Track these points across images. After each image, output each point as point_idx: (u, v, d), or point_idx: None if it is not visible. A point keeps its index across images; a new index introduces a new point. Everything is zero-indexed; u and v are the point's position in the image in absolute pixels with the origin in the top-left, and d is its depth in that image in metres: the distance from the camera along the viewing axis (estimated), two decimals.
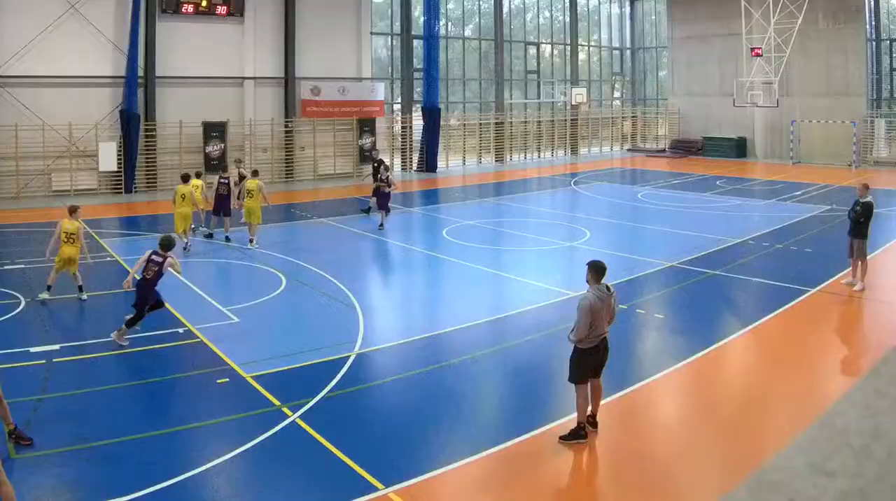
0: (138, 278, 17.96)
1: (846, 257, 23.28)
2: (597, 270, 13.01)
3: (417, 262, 28.18)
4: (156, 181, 45.57)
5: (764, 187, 47.64)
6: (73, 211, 21.12)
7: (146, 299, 17.65)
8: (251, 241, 28.88)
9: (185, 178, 29.78)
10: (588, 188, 47.69)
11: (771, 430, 13.34)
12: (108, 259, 26.76)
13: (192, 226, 29.00)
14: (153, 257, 17.80)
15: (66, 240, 20.50)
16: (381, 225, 31.77)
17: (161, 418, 13.80)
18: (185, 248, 27.58)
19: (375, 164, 38.38)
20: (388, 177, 32.87)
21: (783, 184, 48.30)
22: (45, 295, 20.63)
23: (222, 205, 30.66)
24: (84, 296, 21.02)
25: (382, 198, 32.26)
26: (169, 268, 17.90)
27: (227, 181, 31.36)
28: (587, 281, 13.11)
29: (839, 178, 49.81)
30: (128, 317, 17.72)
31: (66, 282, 21.48)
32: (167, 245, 18.08)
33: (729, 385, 16.28)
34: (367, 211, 36.42)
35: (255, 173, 31.61)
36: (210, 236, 30.88)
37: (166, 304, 18.46)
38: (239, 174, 32.85)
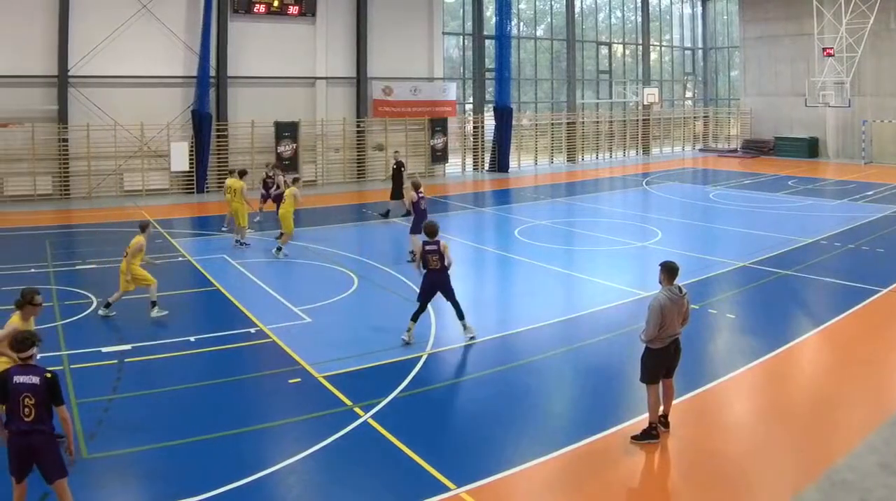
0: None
1: None
2: (669, 271, 12.70)
3: (489, 262, 27.16)
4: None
5: (835, 187, 45.98)
6: (144, 227, 19.91)
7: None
8: (278, 250, 26.95)
9: (242, 174, 29.39)
10: (660, 188, 46.16)
11: (842, 430, 13.23)
12: (180, 259, 26.15)
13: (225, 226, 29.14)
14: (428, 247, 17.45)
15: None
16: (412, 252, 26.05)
17: (233, 418, 13.40)
18: (239, 243, 27.68)
19: (395, 166, 36.21)
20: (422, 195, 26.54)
21: (855, 184, 46.53)
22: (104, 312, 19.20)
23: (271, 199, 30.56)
24: (155, 313, 19.30)
25: (419, 217, 25.62)
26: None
27: (272, 180, 31.30)
28: (660, 282, 12.81)
29: None
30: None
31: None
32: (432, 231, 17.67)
33: (800, 385, 15.80)
34: (386, 214, 35.07)
35: (295, 180, 29.59)
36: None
37: None
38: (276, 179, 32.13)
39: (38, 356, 10.66)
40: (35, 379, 9.61)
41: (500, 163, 54.84)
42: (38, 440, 9.53)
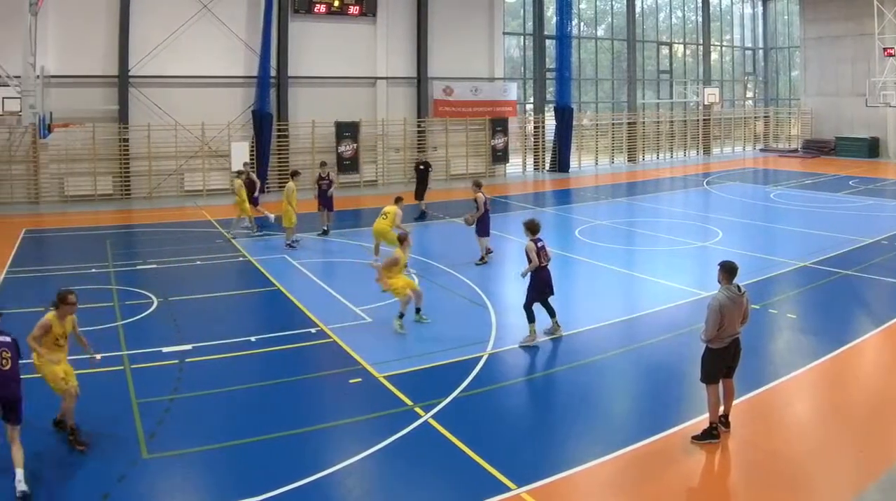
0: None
1: None
2: (728, 270, 12.42)
3: (550, 262, 25.05)
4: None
5: None
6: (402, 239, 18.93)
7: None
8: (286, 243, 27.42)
9: (293, 175, 29.48)
10: (720, 188, 44.76)
11: None
12: (241, 259, 25.73)
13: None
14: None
15: None
16: (489, 250, 25.21)
17: (293, 418, 13.18)
18: (290, 244, 27.13)
19: (422, 167, 34.56)
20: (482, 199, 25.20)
21: None
22: None
23: (324, 201, 30.17)
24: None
25: (484, 225, 25.11)
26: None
27: (327, 178, 30.61)
28: (719, 281, 12.49)
29: None
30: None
31: (197, 284, 21.02)
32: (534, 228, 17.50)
33: (861, 385, 15.37)
34: (422, 216, 33.71)
35: (293, 174, 29.70)
36: (325, 232, 30.10)
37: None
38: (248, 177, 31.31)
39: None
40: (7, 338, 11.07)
41: (561, 163, 53.34)
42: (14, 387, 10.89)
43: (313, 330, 17.69)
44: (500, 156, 50.68)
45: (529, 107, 54.87)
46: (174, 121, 40.08)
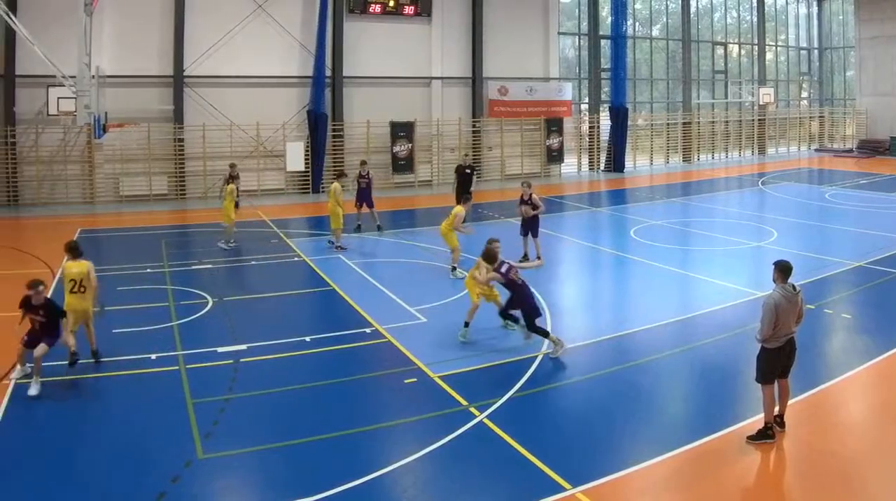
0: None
1: None
2: (782, 269, 12.04)
3: (605, 262, 25.77)
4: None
5: None
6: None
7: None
8: (333, 244, 26.55)
9: (339, 176, 28.67)
10: (775, 188, 43.23)
11: None
12: (296, 259, 25.08)
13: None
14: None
15: None
16: (539, 257, 23.44)
17: (348, 418, 12.81)
18: (334, 246, 26.33)
19: (468, 170, 32.05)
20: (531, 196, 24.05)
21: None
22: None
23: (364, 198, 29.74)
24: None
25: (532, 224, 24.14)
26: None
27: (367, 176, 30.06)
28: (774, 281, 12.09)
29: None
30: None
31: (251, 284, 20.92)
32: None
33: None
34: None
35: (344, 175, 29.07)
36: (358, 229, 29.53)
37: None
38: (230, 176, 30.05)
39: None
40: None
41: (616, 163, 51.48)
42: None
43: (368, 330, 17.22)
44: (555, 156, 49.08)
45: (584, 107, 52.93)
46: (229, 121, 39.07)
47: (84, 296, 14.90)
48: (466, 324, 16.66)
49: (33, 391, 13.39)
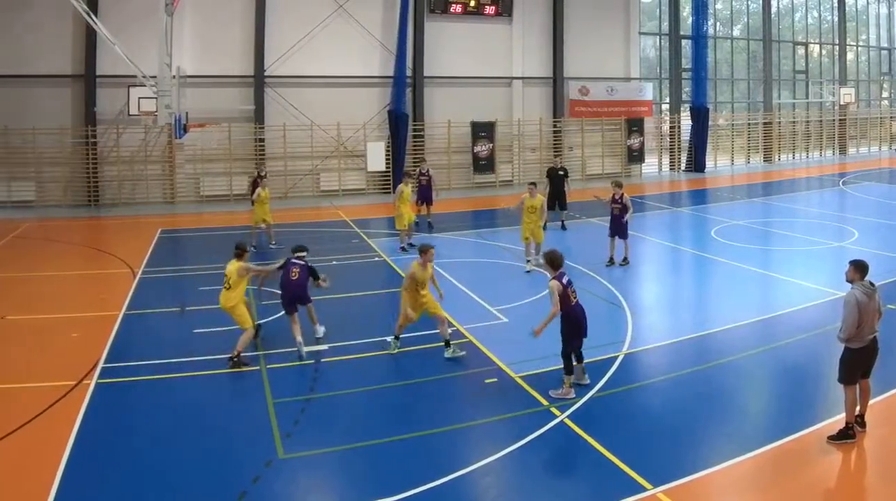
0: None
1: None
2: (859, 267, 11.29)
3: (685, 262, 24.62)
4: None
5: None
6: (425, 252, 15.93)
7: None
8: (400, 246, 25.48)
9: (407, 175, 27.90)
10: (856, 188, 40.83)
11: None
12: (377, 259, 24.22)
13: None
14: None
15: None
16: (626, 259, 22.57)
17: (429, 418, 12.28)
18: (403, 248, 25.17)
19: (560, 172, 29.57)
20: (622, 196, 22.54)
21: None
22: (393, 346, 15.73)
23: (425, 196, 29.03)
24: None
25: (621, 226, 22.50)
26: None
27: (426, 174, 29.35)
28: (849, 280, 11.35)
29: None
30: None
31: (332, 284, 18.44)
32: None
33: None
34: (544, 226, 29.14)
35: (408, 174, 28.16)
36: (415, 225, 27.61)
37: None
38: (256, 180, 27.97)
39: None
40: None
41: (697, 163, 48.41)
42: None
43: (449, 330, 15.59)
44: (635, 156, 46.09)
45: (665, 107, 49.72)
46: (310, 120, 37.11)
47: (231, 293, 14.84)
48: (397, 337, 15.28)
49: (320, 333, 16.01)
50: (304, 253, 15.86)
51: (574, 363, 13.17)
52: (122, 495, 9.89)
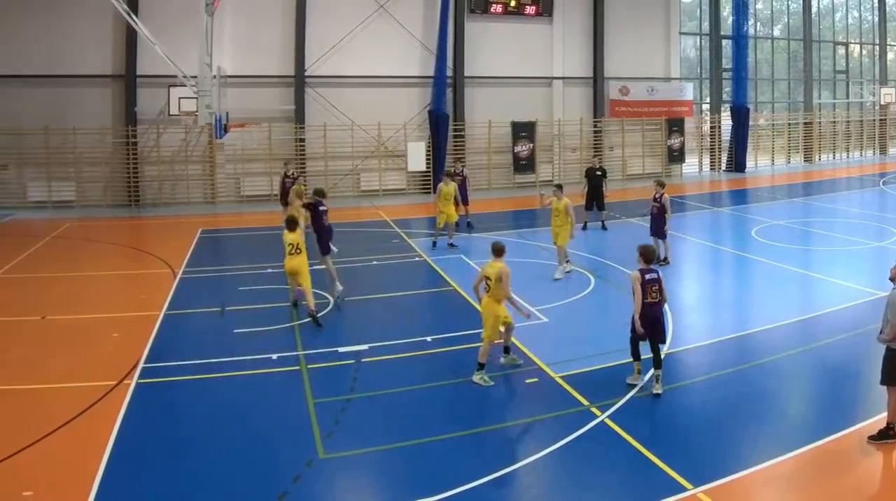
0: None
1: None
2: None
3: (726, 262, 24.13)
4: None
5: None
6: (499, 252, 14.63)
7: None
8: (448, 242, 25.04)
9: (448, 175, 26.56)
10: None
11: None
12: (417, 259, 23.60)
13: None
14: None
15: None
16: (665, 258, 21.94)
17: (469, 418, 11.91)
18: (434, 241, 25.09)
19: (598, 172, 28.52)
20: (662, 195, 22.04)
21: None
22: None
23: (461, 195, 27.22)
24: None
25: (658, 225, 22.14)
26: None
27: (462, 173, 28.86)
28: (891, 279, 10.89)
29: None
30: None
31: (373, 284, 19.87)
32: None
33: None
34: (584, 226, 28.02)
35: (448, 174, 26.52)
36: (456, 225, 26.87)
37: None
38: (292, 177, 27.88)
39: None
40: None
41: (737, 163, 46.84)
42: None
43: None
44: (676, 156, 44.63)
45: (706, 107, 48.27)
46: (350, 120, 36.08)
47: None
48: (481, 366, 13.56)
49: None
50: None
51: (632, 359, 13.06)
52: (162, 494, 9.65)
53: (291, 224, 16.92)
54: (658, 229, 21.76)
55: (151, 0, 32.99)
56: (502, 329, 13.83)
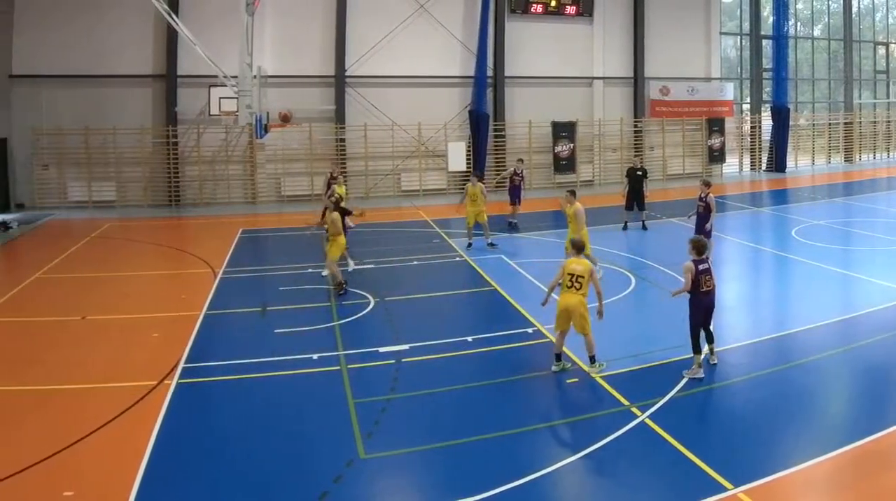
0: None
1: None
2: None
3: (766, 262, 23.34)
4: (505, 181, 37.02)
5: None
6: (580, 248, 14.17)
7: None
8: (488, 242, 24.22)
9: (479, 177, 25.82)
10: None
11: None
12: (458, 259, 22.86)
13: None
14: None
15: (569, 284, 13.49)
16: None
17: (510, 418, 11.45)
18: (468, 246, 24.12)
19: (639, 172, 27.60)
20: (708, 195, 21.68)
21: None
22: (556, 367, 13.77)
23: (515, 194, 27.59)
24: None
25: (701, 225, 21.74)
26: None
27: (520, 174, 28.02)
28: None
29: None
30: None
31: (413, 284, 19.53)
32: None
33: None
34: (625, 227, 27.61)
35: (478, 177, 25.34)
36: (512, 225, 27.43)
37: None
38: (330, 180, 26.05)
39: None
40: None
41: (778, 163, 45.42)
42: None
43: (530, 330, 15.58)
44: (716, 156, 43.27)
45: (746, 107, 46.76)
46: (391, 120, 35.10)
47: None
48: (593, 360, 13.40)
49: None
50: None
51: (693, 352, 13.00)
52: (202, 494, 9.43)
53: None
54: (700, 228, 21.22)
55: (192, 0, 32.27)
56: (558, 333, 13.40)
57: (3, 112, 31.37)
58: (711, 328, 13.43)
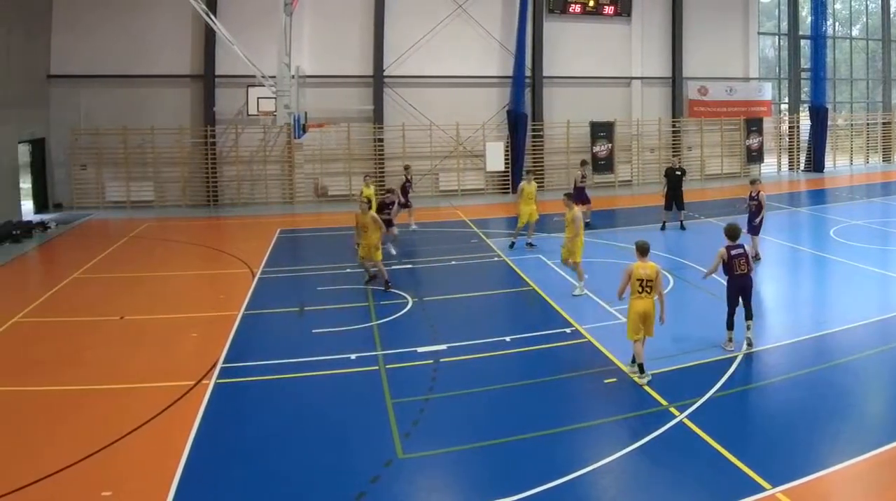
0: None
1: None
2: None
3: (805, 262, 22.82)
4: (543, 181, 35.55)
5: None
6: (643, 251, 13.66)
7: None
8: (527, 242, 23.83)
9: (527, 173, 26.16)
10: None
11: None
12: (496, 259, 22.41)
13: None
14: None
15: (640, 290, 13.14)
16: (757, 255, 21.24)
17: (548, 418, 11.31)
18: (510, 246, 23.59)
19: (677, 172, 27.08)
20: (759, 193, 21.42)
21: None
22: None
23: (581, 197, 26.01)
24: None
25: (752, 223, 21.48)
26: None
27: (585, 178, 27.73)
28: None
29: None
30: None
31: (451, 284, 19.41)
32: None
33: None
34: (663, 227, 27.02)
35: (527, 173, 25.40)
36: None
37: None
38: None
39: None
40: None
41: (816, 163, 43.86)
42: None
43: (568, 330, 15.43)
44: (754, 156, 41.77)
45: (784, 107, 45.46)
46: (429, 121, 34.14)
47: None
48: (641, 368, 12.86)
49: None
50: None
51: (727, 328, 13.79)
52: (240, 494, 9.32)
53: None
54: (750, 224, 20.93)
55: (230, 0, 31.56)
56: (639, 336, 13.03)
57: (41, 112, 30.73)
58: (752, 306, 13.81)
